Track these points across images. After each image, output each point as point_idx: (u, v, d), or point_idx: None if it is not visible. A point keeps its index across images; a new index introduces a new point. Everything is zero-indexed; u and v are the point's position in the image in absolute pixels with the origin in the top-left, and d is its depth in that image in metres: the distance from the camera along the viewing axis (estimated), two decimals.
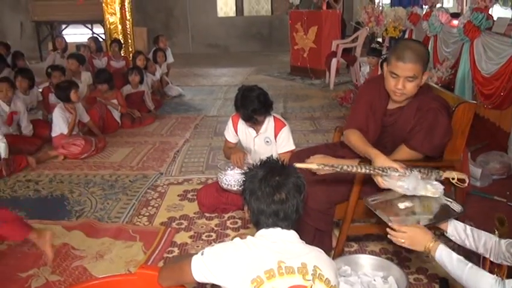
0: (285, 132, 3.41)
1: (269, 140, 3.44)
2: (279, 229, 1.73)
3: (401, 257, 2.88)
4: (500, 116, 4.66)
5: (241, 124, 3.50)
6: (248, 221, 3.35)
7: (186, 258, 1.77)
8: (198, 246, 3.06)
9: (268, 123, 3.41)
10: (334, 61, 7.90)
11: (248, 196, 1.77)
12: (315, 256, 1.71)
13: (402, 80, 2.36)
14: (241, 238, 1.73)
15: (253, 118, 3.25)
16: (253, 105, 3.18)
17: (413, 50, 2.34)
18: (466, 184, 2.33)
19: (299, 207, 1.75)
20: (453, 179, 2.29)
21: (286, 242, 1.70)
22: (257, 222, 1.77)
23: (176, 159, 4.74)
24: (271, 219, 1.73)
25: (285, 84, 8.59)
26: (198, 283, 1.79)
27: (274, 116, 3.47)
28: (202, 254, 1.72)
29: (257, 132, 3.45)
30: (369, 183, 2.51)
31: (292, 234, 1.75)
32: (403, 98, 2.46)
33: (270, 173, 1.75)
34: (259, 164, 1.83)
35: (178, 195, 3.85)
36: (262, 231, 1.75)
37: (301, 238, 1.77)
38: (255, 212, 1.75)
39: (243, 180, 1.83)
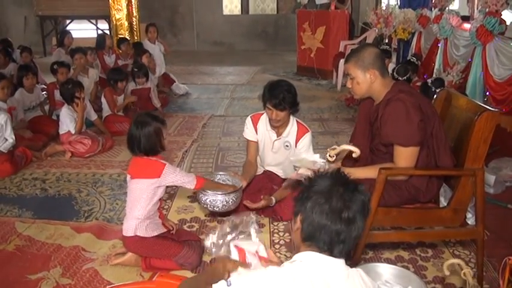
0: (307, 138, 3.38)
1: (289, 145, 3.40)
2: (328, 259, 1.52)
3: (418, 265, 2.84)
4: None
5: (262, 126, 3.46)
6: (260, 225, 3.30)
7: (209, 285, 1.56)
8: (209, 251, 3.00)
9: (292, 127, 3.38)
10: (342, 62, 7.82)
11: (309, 206, 1.53)
12: None
13: (348, 79, 2.67)
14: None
15: (281, 105, 3.18)
16: (282, 91, 3.18)
17: (350, 52, 2.68)
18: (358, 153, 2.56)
19: (360, 234, 1.54)
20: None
21: (330, 282, 1.47)
22: (310, 237, 1.54)
23: (185, 160, 4.69)
24: (329, 237, 1.50)
25: None
26: None
27: (297, 121, 3.43)
28: (229, 284, 1.49)
29: (278, 136, 3.40)
30: (388, 193, 2.49)
31: (340, 266, 1.53)
32: (358, 96, 2.71)
33: (342, 187, 1.54)
34: (325, 173, 1.62)
35: (188, 197, 3.79)
36: (306, 255, 1.53)
37: None
38: (313, 225, 1.52)
39: (305, 186, 1.61)
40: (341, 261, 1.53)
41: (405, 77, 5.30)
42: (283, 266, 1.51)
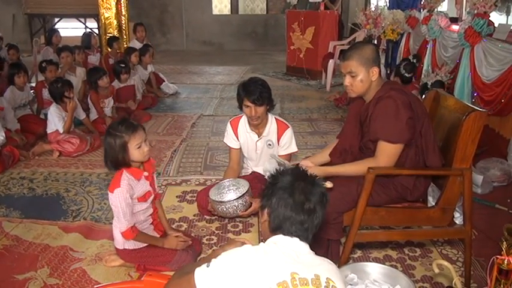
0: (289, 134, 3.40)
1: (271, 143, 3.40)
2: (296, 240, 1.69)
3: (406, 264, 2.85)
4: (500, 123, 4.66)
5: (242, 128, 3.47)
6: (249, 225, 3.31)
7: (192, 271, 1.70)
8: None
9: (271, 126, 3.38)
10: (331, 62, 7.85)
11: (275, 201, 1.71)
12: (326, 268, 1.67)
13: (347, 77, 2.59)
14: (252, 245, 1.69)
15: (260, 100, 3.19)
16: (257, 86, 3.20)
17: (349, 49, 2.62)
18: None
19: (320, 221, 1.73)
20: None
21: (299, 254, 1.66)
22: (277, 228, 1.71)
23: (174, 159, 4.66)
24: (295, 227, 1.68)
25: (281, 84, 8.52)
26: None
27: (276, 118, 3.44)
28: (208, 266, 1.66)
29: (259, 136, 3.41)
30: (376, 192, 2.50)
31: (305, 247, 1.71)
32: (355, 95, 2.65)
33: (303, 181, 1.73)
34: (286, 170, 1.81)
35: (177, 197, 3.78)
36: (277, 238, 1.70)
37: (315, 251, 1.72)
38: (279, 218, 1.70)
39: (269, 183, 1.79)
40: (307, 245, 1.71)
41: (410, 75, 5.38)
42: (259, 246, 1.69)
